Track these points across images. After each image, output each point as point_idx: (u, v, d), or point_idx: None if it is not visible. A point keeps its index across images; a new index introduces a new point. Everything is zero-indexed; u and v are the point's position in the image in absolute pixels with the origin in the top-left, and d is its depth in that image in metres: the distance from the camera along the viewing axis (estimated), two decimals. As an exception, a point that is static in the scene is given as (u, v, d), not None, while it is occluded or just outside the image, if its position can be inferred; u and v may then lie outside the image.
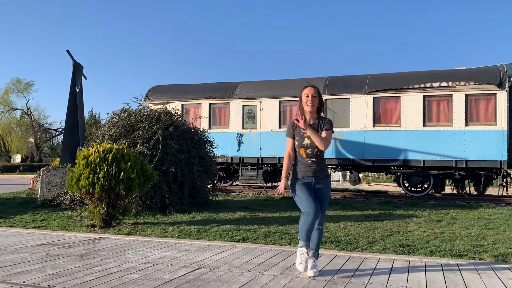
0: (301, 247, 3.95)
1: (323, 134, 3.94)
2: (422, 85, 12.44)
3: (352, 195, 13.73)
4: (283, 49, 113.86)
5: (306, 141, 3.94)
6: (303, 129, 3.95)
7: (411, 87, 12.54)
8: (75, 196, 8.72)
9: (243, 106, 14.24)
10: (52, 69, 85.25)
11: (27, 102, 47.03)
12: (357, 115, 12.93)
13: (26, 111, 46.73)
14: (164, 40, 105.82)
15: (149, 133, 8.82)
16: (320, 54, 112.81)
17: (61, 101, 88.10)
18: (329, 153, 13.14)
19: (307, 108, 3.98)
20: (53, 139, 50.30)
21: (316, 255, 4.04)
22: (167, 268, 4.16)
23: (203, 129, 10.52)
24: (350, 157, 12.97)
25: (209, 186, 10.40)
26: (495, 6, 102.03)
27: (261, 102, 14.03)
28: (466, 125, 11.96)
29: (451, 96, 12.17)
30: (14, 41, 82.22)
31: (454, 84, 12.13)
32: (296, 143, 4.01)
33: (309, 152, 3.95)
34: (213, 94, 14.66)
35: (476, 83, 11.91)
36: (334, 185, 21.92)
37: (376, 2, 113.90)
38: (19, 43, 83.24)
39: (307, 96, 3.98)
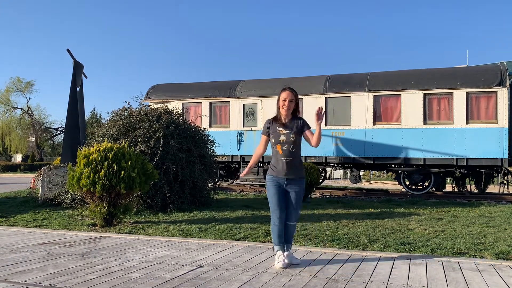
0: (277, 251, 4.20)
1: (309, 134, 4.17)
2: (422, 83, 12.45)
3: (353, 194, 13.74)
4: (284, 48, 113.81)
5: (282, 137, 4.14)
6: (278, 127, 4.17)
7: (411, 85, 12.54)
8: (76, 195, 8.72)
9: (243, 104, 14.24)
10: (53, 68, 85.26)
11: (28, 102, 47.12)
12: (358, 113, 12.93)
13: (26, 110, 46.78)
14: (165, 39, 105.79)
15: (149, 132, 8.82)
16: (321, 53, 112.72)
17: (61, 100, 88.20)
18: (330, 152, 13.15)
19: (282, 111, 4.20)
20: (54, 138, 50.35)
21: (289, 247, 4.30)
22: (168, 266, 4.16)
23: (203, 128, 10.52)
24: (351, 155, 12.97)
25: (210, 184, 10.40)
26: (496, 4, 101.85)
27: (261, 101, 14.03)
28: (467, 123, 11.96)
29: (451, 94, 12.16)
30: (14, 40, 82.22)
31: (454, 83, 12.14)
32: (272, 140, 4.20)
33: (285, 149, 4.12)
34: (214, 93, 14.67)
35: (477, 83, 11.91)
36: (335, 183, 21.92)
37: (376, 0, 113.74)
38: (19, 42, 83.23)
39: (284, 100, 4.17)
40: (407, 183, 13.13)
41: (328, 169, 18.89)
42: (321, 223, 7.16)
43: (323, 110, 4.11)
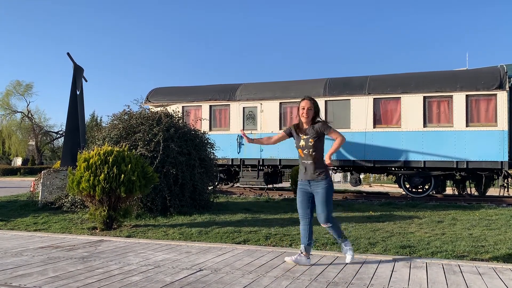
0: (302, 249, 4.55)
1: (334, 136, 4.44)
2: (422, 86, 12.47)
3: (353, 197, 13.72)
4: (283, 51, 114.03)
5: (302, 142, 4.47)
6: (300, 133, 4.52)
7: (411, 88, 12.56)
8: (76, 199, 8.72)
9: (243, 108, 14.25)
10: (52, 71, 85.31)
11: (28, 105, 47.12)
12: (358, 116, 12.93)
13: (26, 114, 46.79)
14: (165, 42, 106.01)
15: (149, 135, 8.82)
16: (321, 55, 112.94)
17: (61, 103, 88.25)
18: (329, 155, 13.13)
19: (302, 119, 4.53)
20: (54, 141, 50.34)
21: (343, 242, 4.58)
22: (169, 270, 4.16)
23: (203, 131, 10.53)
24: (351, 158, 12.97)
25: (210, 188, 10.39)
26: (495, 6, 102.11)
27: (261, 104, 14.05)
28: (467, 125, 11.96)
29: (451, 97, 12.18)
30: (13, 42, 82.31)
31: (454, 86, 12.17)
32: (295, 145, 4.57)
33: (306, 152, 4.45)
34: (214, 96, 14.68)
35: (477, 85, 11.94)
36: (335, 186, 21.88)
37: (376, 2, 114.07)
38: (19, 44, 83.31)
39: (303, 109, 4.50)
40: (407, 186, 13.12)
41: (328, 172, 18.86)
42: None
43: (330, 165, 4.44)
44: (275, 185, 15.43)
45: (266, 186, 14.42)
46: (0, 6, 76.35)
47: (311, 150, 4.41)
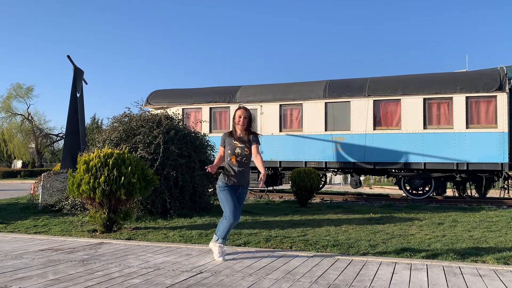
0: (220, 244, 4.80)
1: (253, 150, 4.75)
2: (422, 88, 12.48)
3: (354, 199, 13.72)
4: (283, 52, 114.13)
5: (237, 150, 4.70)
6: (234, 140, 4.71)
7: (411, 90, 12.57)
8: (76, 201, 8.71)
9: (243, 110, 14.24)
10: (52, 72, 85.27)
11: (28, 108, 47.15)
12: (358, 118, 12.94)
13: (27, 117, 46.82)
14: (166, 44, 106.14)
15: (150, 137, 8.83)
16: (320, 58, 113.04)
17: (61, 105, 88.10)
18: (330, 157, 13.15)
19: (238, 127, 4.78)
20: (54, 144, 50.34)
21: (221, 240, 4.82)
22: (169, 272, 4.15)
23: (203, 133, 10.53)
24: (351, 160, 12.97)
25: (210, 190, 10.39)
26: (495, 8, 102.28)
27: (261, 106, 14.06)
28: (467, 127, 11.97)
29: (451, 98, 12.18)
30: (13, 44, 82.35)
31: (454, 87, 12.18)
32: (228, 151, 4.74)
33: (239, 160, 4.70)
34: (214, 98, 14.69)
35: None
36: (335, 188, 21.89)
37: (376, 4, 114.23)
38: (19, 45, 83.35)
39: (240, 117, 4.74)
40: (408, 187, 13.12)
41: (329, 174, 18.89)
42: (322, 228, 7.15)
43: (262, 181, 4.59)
44: (275, 187, 15.42)
45: (266, 188, 14.42)
46: (0, 8, 76.49)
47: (244, 158, 4.67)
